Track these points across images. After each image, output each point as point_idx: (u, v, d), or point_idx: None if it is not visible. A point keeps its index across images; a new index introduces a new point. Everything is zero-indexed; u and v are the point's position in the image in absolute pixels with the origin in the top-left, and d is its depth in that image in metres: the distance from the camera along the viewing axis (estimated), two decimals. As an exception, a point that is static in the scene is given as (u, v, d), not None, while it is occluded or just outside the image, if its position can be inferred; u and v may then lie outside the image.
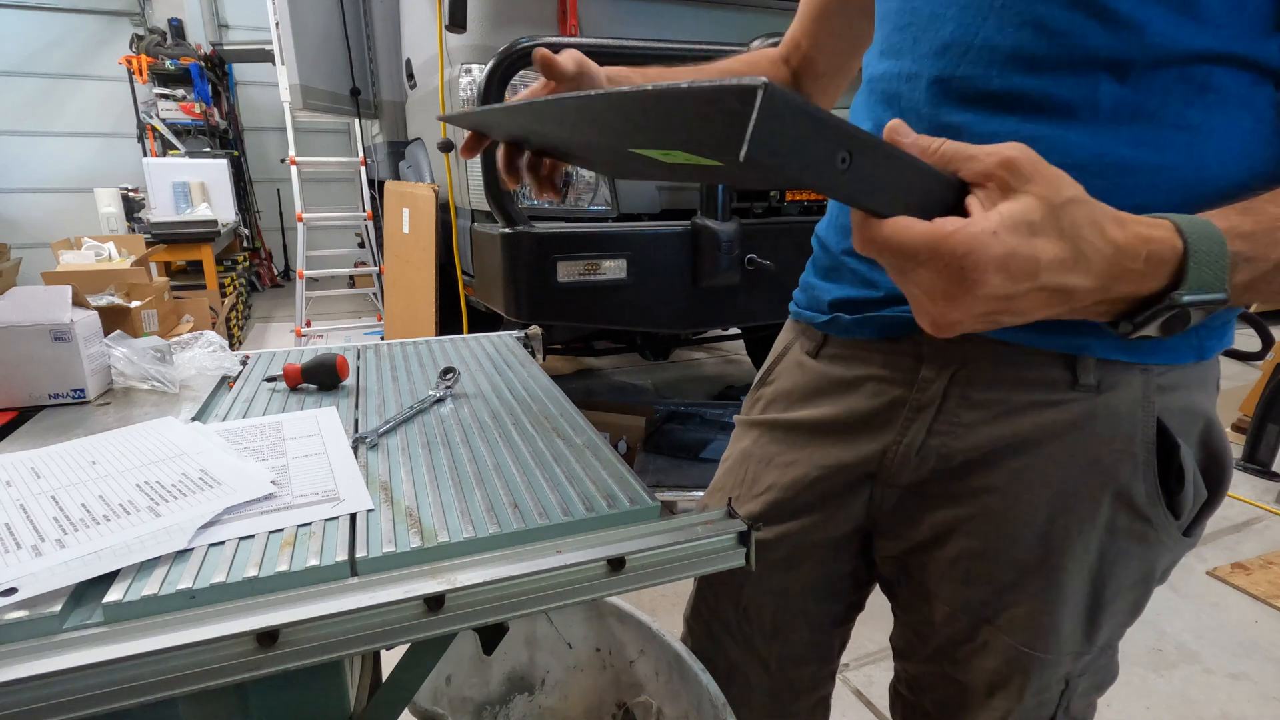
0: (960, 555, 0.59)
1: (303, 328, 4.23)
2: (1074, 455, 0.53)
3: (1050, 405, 0.53)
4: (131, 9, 6.25)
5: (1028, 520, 0.56)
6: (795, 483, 0.68)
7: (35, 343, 0.77)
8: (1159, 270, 0.37)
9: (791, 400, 0.70)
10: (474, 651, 0.96)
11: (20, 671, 0.37)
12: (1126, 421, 0.52)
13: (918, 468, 0.59)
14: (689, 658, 0.77)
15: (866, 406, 0.62)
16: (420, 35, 2.68)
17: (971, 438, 0.56)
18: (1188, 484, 0.52)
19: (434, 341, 1.06)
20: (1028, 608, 0.57)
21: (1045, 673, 0.59)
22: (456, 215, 2.42)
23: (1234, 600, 1.93)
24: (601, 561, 0.49)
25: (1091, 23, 0.45)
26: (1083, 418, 0.52)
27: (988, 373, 0.55)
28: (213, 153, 5.89)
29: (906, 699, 0.74)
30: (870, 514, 0.66)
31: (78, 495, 0.55)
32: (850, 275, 0.64)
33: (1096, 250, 0.36)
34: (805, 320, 0.70)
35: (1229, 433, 3.00)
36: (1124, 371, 0.52)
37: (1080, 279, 0.37)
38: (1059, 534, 0.55)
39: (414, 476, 0.60)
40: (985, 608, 0.60)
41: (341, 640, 0.43)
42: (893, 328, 0.60)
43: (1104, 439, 0.52)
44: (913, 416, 0.59)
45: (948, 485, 0.59)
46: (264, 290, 6.84)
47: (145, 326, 2.74)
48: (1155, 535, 0.55)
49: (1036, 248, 0.35)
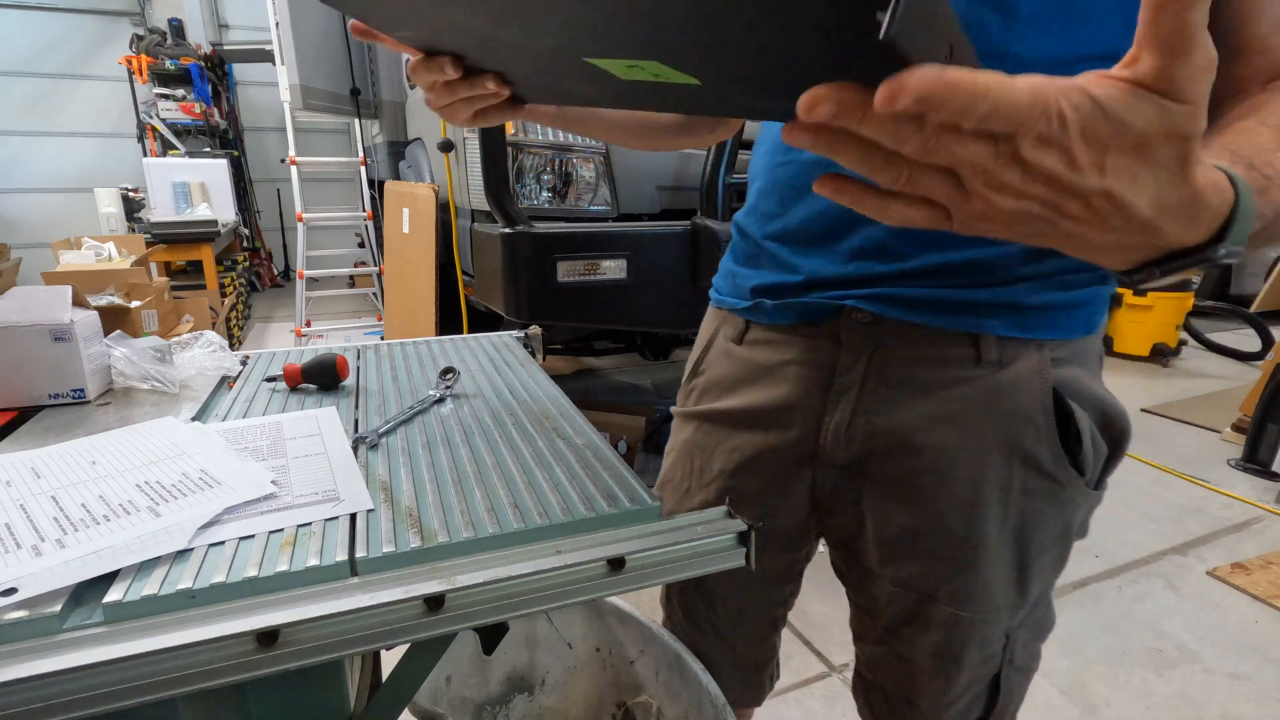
0: (897, 533, 0.63)
1: (303, 328, 4.24)
2: (985, 427, 0.58)
3: (959, 382, 0.57)
4: (131, 9, 6.25)
5: (953, 494, 0.60)
6: (740, 468, 0.70)
7: (35, 343, 0.77)
8: (1214, 221, 0.31)
9: (724, 389, 0.73)
10: (474, 651, 0.96)
11: (20, 671, 0.37)
12: (1026, 393, 0.56)
13: (848, 446, 0.63)
14: (689, 658, 0.77)
15: (793, 390, 0.65)
16: (420, 35, 2.68)
17: (894, 415, 0.60)
18: (1086, 443, 0.57)
19: (434, 341, 1.06)
20: (963, 576, 0.61)
21: (986, 632, 0.63)
22: (456, 215, 2.42)
23: (1234, 600, 1.93)
24: (601, 561, 0.49)
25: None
26: (989, 391, 0.57)
27: (901, 353, 0.59)
28: (213, 153, 5.89)
29: (866, 679, 0.77)
30: (815, 496, 0.68)
31: (78, 495, 0.55)
32: (771, 261, 0.66)
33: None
34: (727, 307, 0.73)
35: (1228, 432, 3.00)
36: (1021, 347, 0.56)
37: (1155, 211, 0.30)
38: (982, 503, 0.59)
39: (414, 476, 0.60)
40: (924, 581, 0.63)
41: (341, 640, 0.43)
42: (813, 313, 0.62)
43: (1009, 410, 0.57)
44: (838, 398, 0.62)
45: (882, 465, 0.62)
46: (264, 290, 6.84)
47: (145, 326, 2.74)
48: (1066, 493, 0.59)
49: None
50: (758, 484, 0.70)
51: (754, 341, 0.69)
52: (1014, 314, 0.56)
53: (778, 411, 0.66)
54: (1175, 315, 4.12)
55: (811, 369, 0.64)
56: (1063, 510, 0.61)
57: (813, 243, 0.62)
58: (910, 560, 0.63)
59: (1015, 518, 0.60)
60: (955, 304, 0.56)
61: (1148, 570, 2.07)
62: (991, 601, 0.62)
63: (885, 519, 0.64)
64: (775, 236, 0.66)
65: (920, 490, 0.61)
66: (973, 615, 0.62)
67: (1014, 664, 0.66)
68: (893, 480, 0.62)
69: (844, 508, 0.67)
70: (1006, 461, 0.58)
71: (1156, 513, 2.42)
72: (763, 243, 0.67)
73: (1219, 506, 2.46)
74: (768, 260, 0.67)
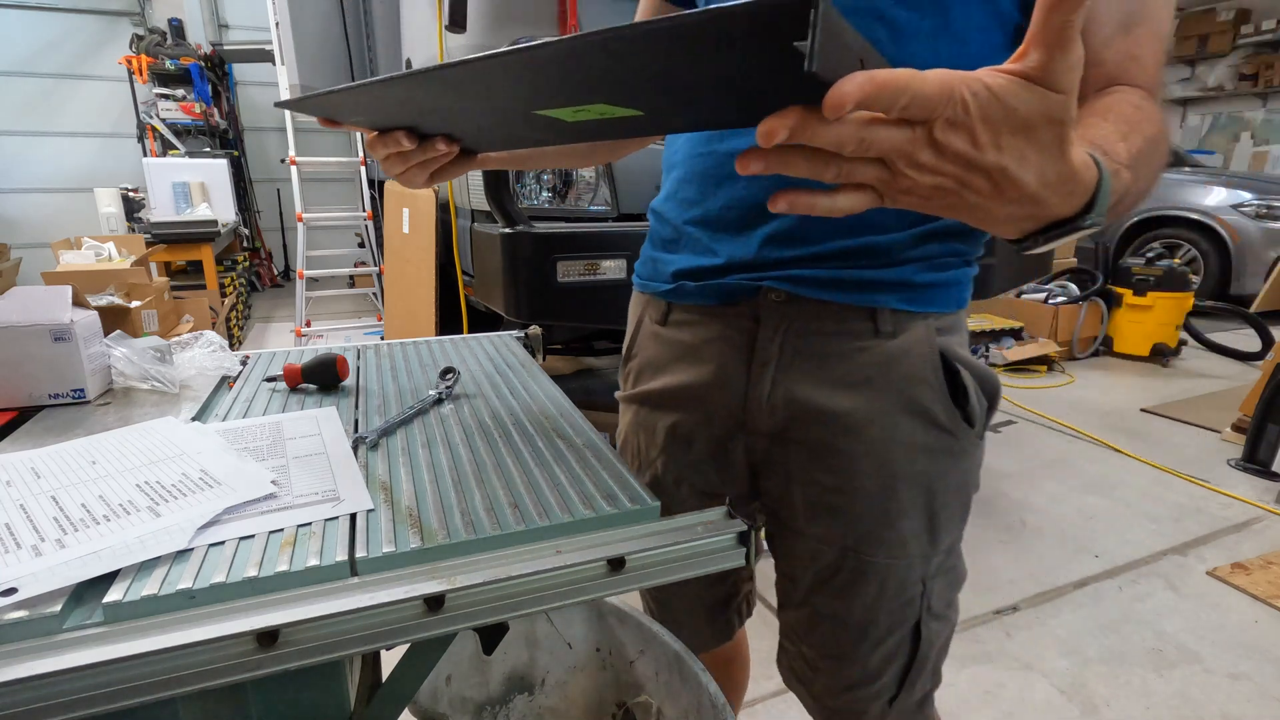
0: (819, 492, 0.69)
1: (303, 328, 4.24)
2: (887, 389, 0.65)
3: (861, 351, 0.65)
4: (131, 9, 6.25)
5: (866, 451, 0.66)
6: (677, 443, 0.76)
7: (35, 343, 0.77)
8: (1084, 195, 0.38)
9: (655, 370, 0.78)
10: (474, 651, 0.96)
11: (20, 671, 0.37)
12: (918, 357, 0.65)
13: (771, 415, 0.69)
14: (689, 658, 0.77)
15: (719, 366, 0.71)
16: (420, 35, 2.68)
17: (808, 383, 0.67)
18: (972, 398, 0.66)
19: (434, 341, 1.06)
20: (880, 528, 0.68)
21: (904, 579, 0.69)
22: (456, 215, 2.42)
23: (1234, 600, 1.93)
24: (601, 561, 0.49)
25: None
26: (887, 357, 0.65)
27: (811, 326, 0.66)
28: (213, 153, 5.89)
29: (789, 650, 0.81)
30: (750, 464, 0.74)
31: (78, 495, 0.55)
32: (691, 245, 0.71)
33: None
34: (650, 292, 0.77)
35: (1228, 432, 3.01)
36: (910, 320, 0.65)
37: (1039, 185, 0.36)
38: (892, 459, 0.66)
39: (414, 476, 0.60)
40: (845, 535, 0.69)
41: (341, 640, 0.43)
42: (733, 294, 0.68)
43: (905, 373, 0.65)
44: (759, 370, 0.69)
45: (804, 429, 0.68)
46: (264, 290, 6.84)
47: (145, 326, 2.74)
48: (959, 445, 0.67)
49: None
50: (696, 456, 0.76)
51: (677, 323, 0.75)
52: (905, 290, 0.64)
53: (707, 387, 0.72)
54: (1175, 315, 4.12)
55: (733, 346, 0.70)
56: (959, 462, 0.68)
57: (730, 228, 0.68)
58: (831, 516, 0.69)
59: (921, 472, 0.67)
60: (856, 283, 0.64)
61: (1148, 570, 2.08)
62: (906, 550, 0.68)
63: (809, 480, 0.70)
64: (695, 222, 0.71)
65: (836, 450, 0.67)
66: (889, 562, 0.69)
67: (932, 611, 0.71)
68: (812, 442, 0.68)
69: (774, 473, 0.72)
70: (909, 419, 0.66)
71: (1156, 513, 2.42)
72: (682, 227, 0.72)
73: (1219, 506, 2.46)
74: (688, 244, 0.72)
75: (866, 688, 0.73)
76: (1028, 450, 2.96)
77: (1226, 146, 7.93)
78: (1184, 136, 8.20)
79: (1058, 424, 3.23)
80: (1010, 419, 3.31)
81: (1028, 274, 2.47)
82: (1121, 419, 3.29)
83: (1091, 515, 2.41)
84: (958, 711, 1.52)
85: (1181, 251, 5.41)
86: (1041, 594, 1.95)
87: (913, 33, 0.57)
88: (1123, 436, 3.07)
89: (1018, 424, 3.25)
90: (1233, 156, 7.81)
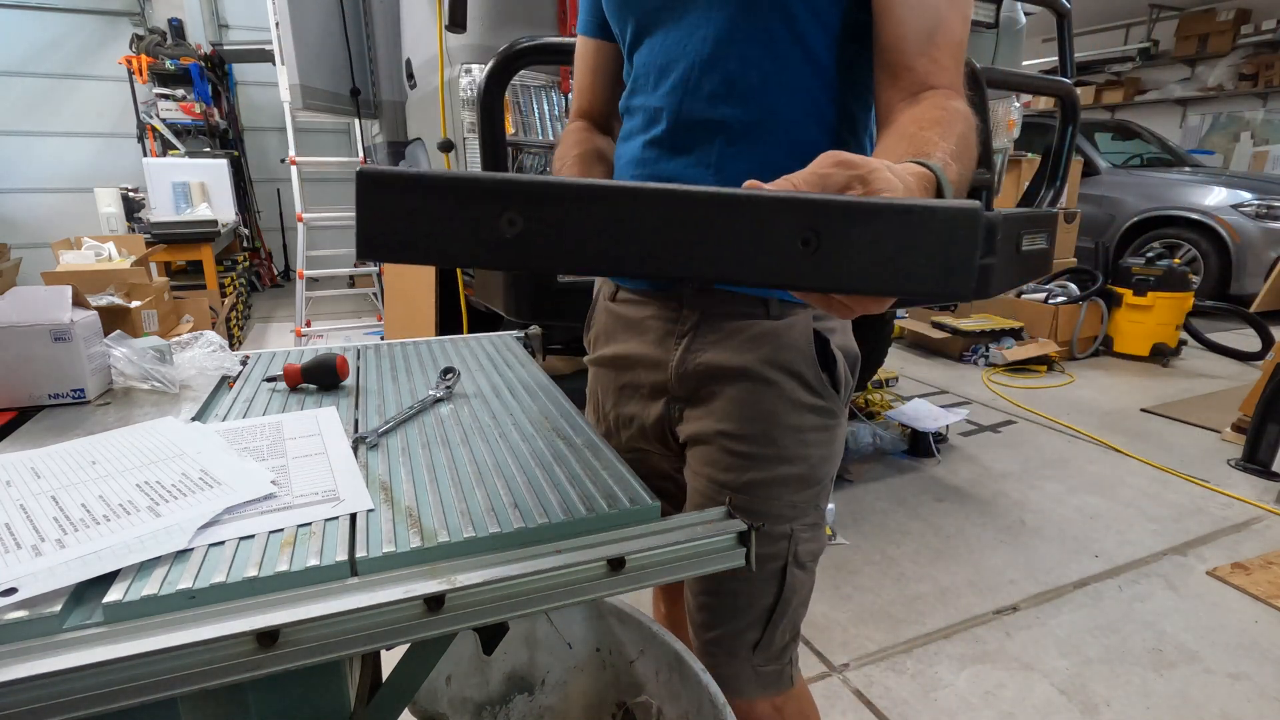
0: (716, 438, 0.80)
1: (303, 328, 4.23)
2: (773, 358, 0.79)
3: (753, 327, 0.79)
4: (131, 9, 6.25)
5: (755, 405, 0.79)
6: (622, 399, 0.90)
7: (35, 343, 0.77)
8: (931, 191, 0.52)
9: (608, 338, 0.91)
10: (474, 651, 0.96)
11: (20, 671, 0.37)
12: (798, 333, 0.79)
13: (684, 379, 0.82)
14: (689, 658, 0.77)
15: (653, 338, 0.84)
16: (420, 35, 2.68)
17: (713, 350, 0.80)
18: (840, 367, 0.81)
19: (434, 341, 1.06)
20: (757, 470, 0.79)
21: (775, 528, 0.80)
22: (456, 215, 2.41)
23: (1234, 600, 1.93)
24: (601, 561, 0.49)
25: None
26: (773, 332, 0.79)
27: (720, 309, 0.80)
28: (213, 153, 5.89)
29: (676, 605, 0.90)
30: (670, 420, 0.86)
31: (78, 495, 0.55)
32: None
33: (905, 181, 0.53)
34: None
35: (1228, 432, 3.00)
36: (793, 309, 0.79)
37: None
38: (775, 410, 0.79)
39: (414, 476, 0.60)
40: (731, 475, 0.80)
41: (341, 640, 0.43)
42: (663, 283, 0.82)
43: (785, 343, 0.79)
44: (679, 343, 0.82)
45: (708, 388, 0.81)
46: (264, 290, 6.84)
47: (145, 326, 2.74)
48: (827, 407, 0.81)
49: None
50: (634, 409, 0.89)
51: (623, 300, 0.88)
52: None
53: (644, 354, 0.85)
54: (1175, 315, 4.12)
55: (664, 322, 0.83)
56: (832, 434, 0.83)
57: None
58: (722, 456, 0.80)
59: (796, 425, 0.80)
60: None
61: (1148, 570, 2.08)
62: (780, 496, 0.80)
63: (705, 428, 0.81)
64: None
65: (729, 400, 0.80)
66: (766, 502, 0.80)
67: (798, 561, 0.83)
68: (710, 397, 0.81)
69: (681, 425, 0.85)
70: (786, 377, 0.79)
71: (1156, 513, 2.42)
72: None
73: (1219, 506, 2.46)
74: None
75: (734, 622, 0.83)
76: (1028, 450, 2.96)
77: (1226, 146, 7.92)
78: (1184, 136, 8.19)
79: (1058, 424, 3.23)
80: (1010, 419, 3.31)
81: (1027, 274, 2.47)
82: (1121, 419, 3.29)
83: (1091, 515, 2.41)
84: (958, 711, 1.52)
85: (1181, 251, 5.41)
86: (1041, 594, 1.95)
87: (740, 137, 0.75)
88: (1123, 436, 3.07)
89: (1018, 424, 3.25)
90: (1233, 156, 7.81)
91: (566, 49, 1.72)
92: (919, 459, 2.84)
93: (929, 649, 1.72)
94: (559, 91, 1.95)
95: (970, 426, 3.20)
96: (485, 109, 1.60)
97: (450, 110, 2.22)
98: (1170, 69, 8.39)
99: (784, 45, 0.72)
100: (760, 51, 0.72)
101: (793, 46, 0.72)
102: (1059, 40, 2.29)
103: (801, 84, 0.73)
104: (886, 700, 1.55)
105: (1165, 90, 8.34)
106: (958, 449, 2.96)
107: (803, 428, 0.80)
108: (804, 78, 0.73)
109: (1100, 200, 5.72)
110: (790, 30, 0.71)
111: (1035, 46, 4.88)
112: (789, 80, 0.73)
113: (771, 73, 0.72)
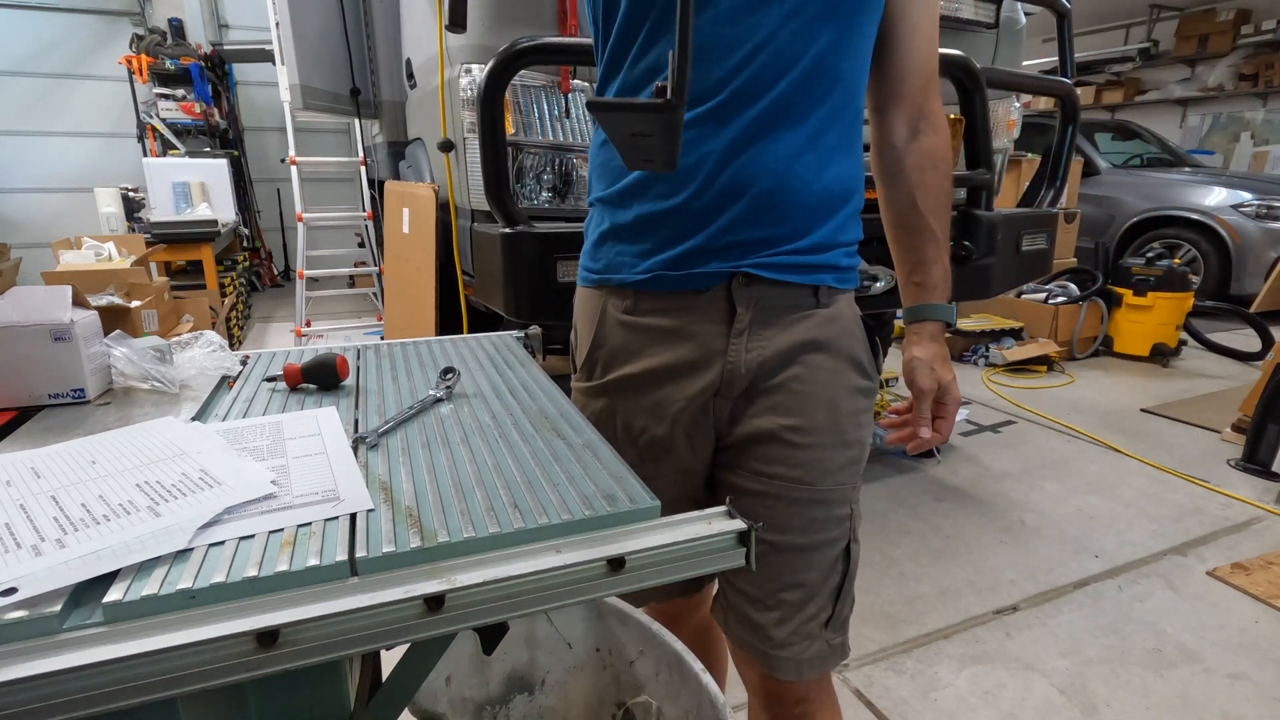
0: (776, 430, 0.81)
1: (303, 328, 4.23)
2: (829, 344, 0.82)
3: (807, 317, 0.81)
4: (131, 9, 6.25)
5: (817, 392, 0.81)
6: (665, 418, 0.84)
7: (35, 343, 0.77)
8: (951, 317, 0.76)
9: (631, 355, 0.85)
10: (474, 651, 0.96)
11: (20, 671, 0.37)
12: (848, 318, 0.84)
13: (745, 377, 0.81)
14: (689, 658, 0.77)
15: (698, 344, 0.81)
16: (420, 35, 2.68)
17: (773, 345, 0.81)
18: (878, 348, 1.00)
19: (434, 341, 1.06)
20: (824, 458, 0.81)
21: (838, 508, 0.83)
22: (456, 215, 2.42)
23: (1234, 600, 1.93)
24: (601, 561, 0.49)
25: None
26: (827, 320, 0.82)
27: (772, 302, 0.80)
28: (213, 153, 5.89)
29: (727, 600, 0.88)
30: (716, 427, 0.85)
31: (78, 495, 0.55)
32: (666, 236, 0.80)
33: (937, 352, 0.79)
34: (615, 284, 0.85)
35: (1228, 432, 3.00)
36: (839, 294, 0.84)
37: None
38: (838, 398, 0.82)
39: (414, 476, 0.60)
40: (800, 468, 0.81)
41: (341, 640, 0.43)
42: (710, 279, 0.79)
43: (841, 331, 0.83)
44: (736, 342, 0.80)
45: (767, 382, 0.81)
46: (264, 290, 6.84)
47: (145, 326, 2.74)
48: (873, 392, 0.86)
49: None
50: (680, 429, 0.85)
51: (649, 310, 0.83)
52: (835, 272, 0.82)
53: (689, 364, 0.82)
54: (1175, 315, 4.11)
55: (711, 324, 0.81)
56: (869, 413, 0.86)
57: (697, 218, 0.78)
58: (790, 452, 0.81)
59: (854, 410, 0.83)
60: (804, 265, 0.80)
61: (1148, 570, 2.08)
62: (837, 479, 0.82)
63: (767, 425, 0.81)
64: (667, 212, 0.79)
65: (794, 393, 0.81)
66: (834, 487, 0.82)
67: (855, 536, 0.86)
68: (774, 390, 0.81)
69: (734, 427, 0.84)
70: (846, 367, 0.83)
71: (1156, 513, 2.42)
72: (651, 216, 0.80)
73: (1219, 506, 2.46)
74: (653, 234, 0.80)
75: (809, 608, 0.83)
76: (1028, 450, 2.96)
77: (1226, 146, 7.92)
78: (1184, 137, 8.18)
79: (1058, 424, 3.23)
80: (1010, 419, 3.31)
81: (1027, 274, 2.47)
82: (1121, 419, 3.29)
83: (1091, 515, 2.41)
84: (958, 711, 1.52)
85: (1181, 251, 5.41)
86: (1041, 594, 1.95)
87: None
88: (1123, 436, 3.07)
89: (1018, 424, 3.25)
90: (1233, 156, 7.80)
91: (567, 49, 1.72)
92: (919, 459, 2.84)
93: (929, 649, 1.73)
94: (559, 91, 1.95)
95: (970, 426, 3.20)
96: (485, 109, 1.60)
97: (450, 110, 2.22)
98: (1170, 69, 8.39)
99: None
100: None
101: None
102: (1059, 40, 2.29)
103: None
104: (886, 700, 1.56)
105: (1165, 90, 8.33)
106: (958, 449, 2.96)
107: (857, 411, 0.83)
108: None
109: (1100, 200, 5.72)
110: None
111: (1035, 46, 4.88)
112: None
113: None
